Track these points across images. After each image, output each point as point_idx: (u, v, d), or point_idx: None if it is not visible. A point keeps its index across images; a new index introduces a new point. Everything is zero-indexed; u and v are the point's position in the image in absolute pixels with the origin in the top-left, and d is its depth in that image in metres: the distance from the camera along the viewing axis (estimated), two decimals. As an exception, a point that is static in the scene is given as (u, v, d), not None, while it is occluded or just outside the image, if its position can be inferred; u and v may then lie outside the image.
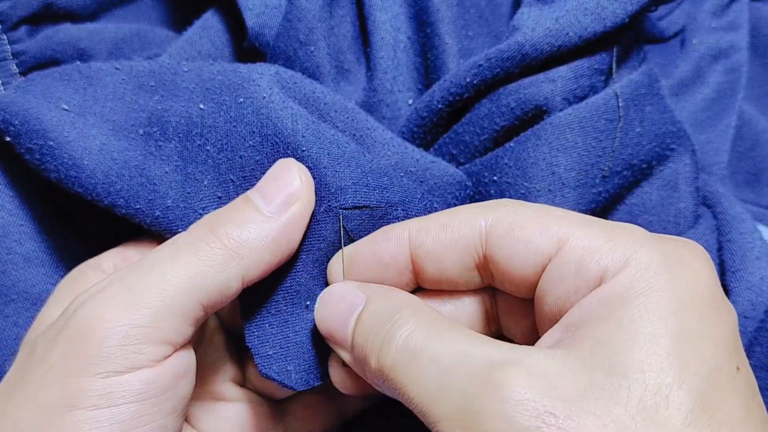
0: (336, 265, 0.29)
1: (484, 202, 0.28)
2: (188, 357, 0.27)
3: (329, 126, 0.32)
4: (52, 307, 0.30)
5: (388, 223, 0.30)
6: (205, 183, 0.31)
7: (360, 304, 0.27)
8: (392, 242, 0.28)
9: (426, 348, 0.23)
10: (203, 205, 0.31)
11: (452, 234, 0.26)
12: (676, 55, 0.46)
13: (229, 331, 0.34)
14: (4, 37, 0.38)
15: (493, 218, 0.26)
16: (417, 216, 0.30)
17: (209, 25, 0.38)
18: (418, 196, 0.31)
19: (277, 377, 0.29)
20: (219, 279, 0.26)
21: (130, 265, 0.27)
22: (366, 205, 0.30)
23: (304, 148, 0.30)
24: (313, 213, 0.29)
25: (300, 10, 0.36)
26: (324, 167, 0.29)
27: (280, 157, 0.30)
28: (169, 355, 0.26)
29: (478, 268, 0.27)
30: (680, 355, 0.21)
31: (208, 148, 0.31)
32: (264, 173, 0.30)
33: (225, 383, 0.33)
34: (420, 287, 0.29)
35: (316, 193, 0.29)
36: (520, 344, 0.23)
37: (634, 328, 0.21)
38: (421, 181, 0.33)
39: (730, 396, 0.21)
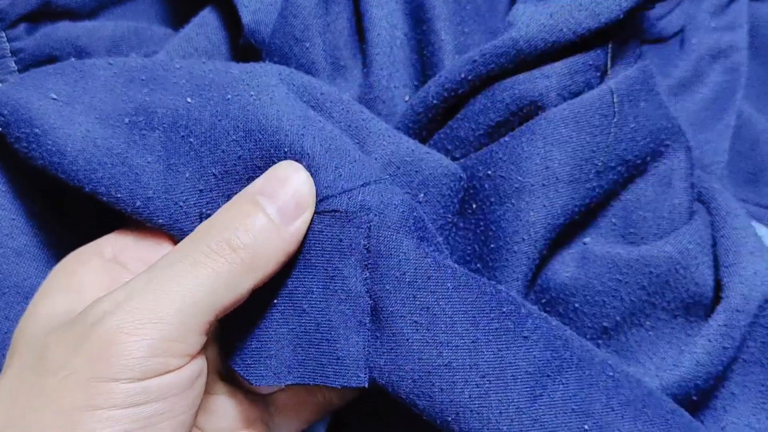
0: None
1: None
2: (202, 361, 0.28)
3: (323, 117, 0.32)
4: (50, 294, 0.30)
5: None
6: (187, 175, 0.31)
7: None
8: None
9: None
10: (184, 198, 0.31)
11: None
12: (676, 55, 0.46)
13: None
14: (3, 34, 0.38)
15: None
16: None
17: (206, 22, 0.38)
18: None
19: (236, 368, 0.29)
20: (236, 291, 0.27)
21: (147, 274, 0.27)
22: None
23: (287, 148, 0.30)
24: None
25: (295, 6, 0.36)
26: (308, 166, 0.29)
27: (263, 154, 0.30)
28: (187, 363, 0.27)
29: None
30: None
31: (191, 140, 0.31)
32: (245, 168, 0.30)
33: (211, 374, 0.33)
34: None
35: None
36: None
37: None
38: (416, 171, 0.33)
39: None
